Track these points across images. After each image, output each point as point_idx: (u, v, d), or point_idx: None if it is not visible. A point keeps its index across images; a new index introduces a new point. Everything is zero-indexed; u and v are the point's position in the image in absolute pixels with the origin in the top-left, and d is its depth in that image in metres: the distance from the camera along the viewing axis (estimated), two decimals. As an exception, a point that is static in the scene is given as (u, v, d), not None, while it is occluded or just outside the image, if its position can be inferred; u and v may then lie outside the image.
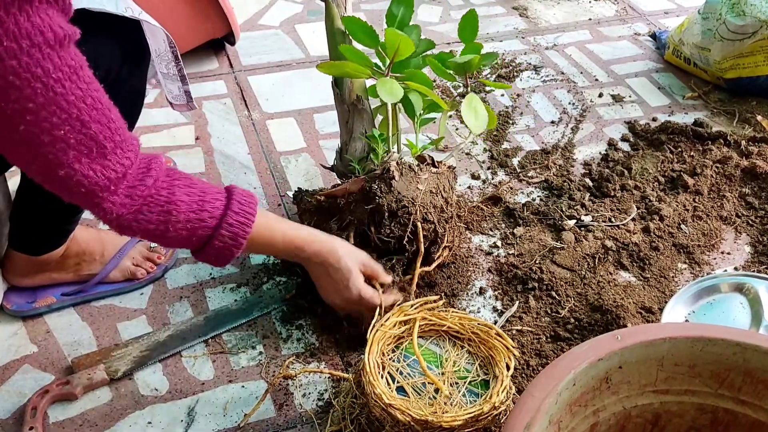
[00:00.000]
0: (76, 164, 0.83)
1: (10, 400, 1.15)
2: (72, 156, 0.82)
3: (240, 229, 1.01)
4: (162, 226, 0.94)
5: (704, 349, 0.81)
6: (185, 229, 0.97)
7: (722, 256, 1.45)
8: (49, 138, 0.80)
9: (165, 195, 0.94)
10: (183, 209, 0.96)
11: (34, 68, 0.75)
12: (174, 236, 0.96)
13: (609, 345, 0.79)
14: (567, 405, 0.79)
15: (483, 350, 1.09)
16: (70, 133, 0.81)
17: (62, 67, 0.78)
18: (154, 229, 0.94)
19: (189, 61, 1.94)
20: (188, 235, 0.97)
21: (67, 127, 0.80)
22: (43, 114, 0.78)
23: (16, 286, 1.29)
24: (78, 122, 0.81)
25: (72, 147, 0.82)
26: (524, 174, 1.64)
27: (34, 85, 0.76)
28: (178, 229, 0.96)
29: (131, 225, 0.92)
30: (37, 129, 0.79)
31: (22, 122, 0.78)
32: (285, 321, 1.29)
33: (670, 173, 1.62)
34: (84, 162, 0.83)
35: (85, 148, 0.83)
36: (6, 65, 0.73)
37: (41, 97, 0.77)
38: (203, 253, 1.01)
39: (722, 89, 1.94)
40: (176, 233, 0.96)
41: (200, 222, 0.98)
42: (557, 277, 1.36)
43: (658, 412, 0.86)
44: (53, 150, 0.81)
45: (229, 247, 1.01)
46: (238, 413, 1.15)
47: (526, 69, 2.02)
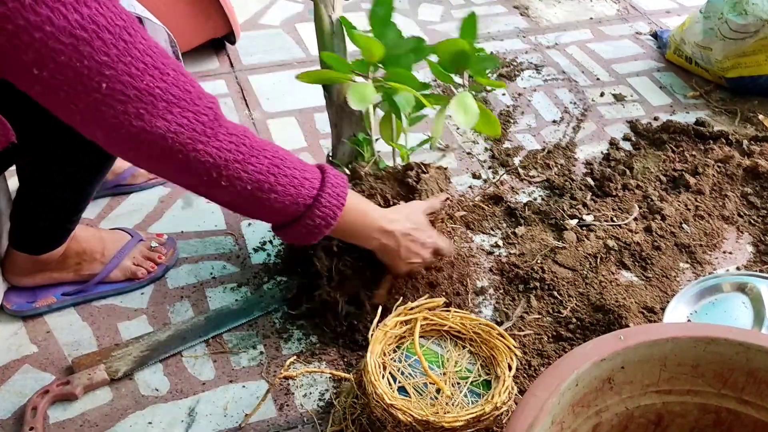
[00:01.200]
0: (168, 115, 0.79)
1: (10, 400, 1.15)
2: (162, 107, 0.78)
3: (340, 191, 0.98)
4: (272, 177, 0.90)
5: (707, 348, 0.81)
6: (293, 185, 0.92)
7: (724, 256, 1.45)
8: (134, 91, 0.76)
9: (270, 147, 0.90)
10: (289, 164, 0.92)
11: (97, 17, 0.72)
12: (282, 191, 0.92)
13: (612, 345, 0.79)
14: (570, 405, 0.78)
15: (485, 350, 1.09)
16: (153, 82, 0.77)
17: (121, 15, 0.75)
18: (264, 181, 0.90)
19: (189, 61, 1.94)
20: (295, 193, 0.93)
21: (148, 77, 0.77)
22: (120, 66, 0.75)
23: (16, 285, 1.28)
24: (156, 70, 0.78)
25: (159, 97, 0.78)
26: (526, 173, 1.64)
27: (103, 35, 0.73)
28: (286, 184, 0.91)
29: (241, 174, 0.87)
30: (120, 83, 0.75)
31: (102, 79, 0.74)
32: (286, 321, 1.29)
33: (671, 172, 1.62)
34: (176, 111, 0.80)
35: (173, 96, 0.79)
36: (70, 19, 0.71)
37: (113, 47, 0.74)
38: (299, 223, 0.96)
39: (724, 88, 1.94)
40: (284, 188, 0.92)
41: (305, 180, 0.94)
42: (559, 277, 1.36)
43: (661, 413, 0.86)
44: (142, 104, 0.77)
45: (333, 208, 0.97)
46: (239, 413, 1.14)
47: (527, 68, 2.02)
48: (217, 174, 0.87)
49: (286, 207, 0.95)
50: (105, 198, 1.52)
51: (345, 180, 1.02)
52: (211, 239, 1.45)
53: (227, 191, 0.89)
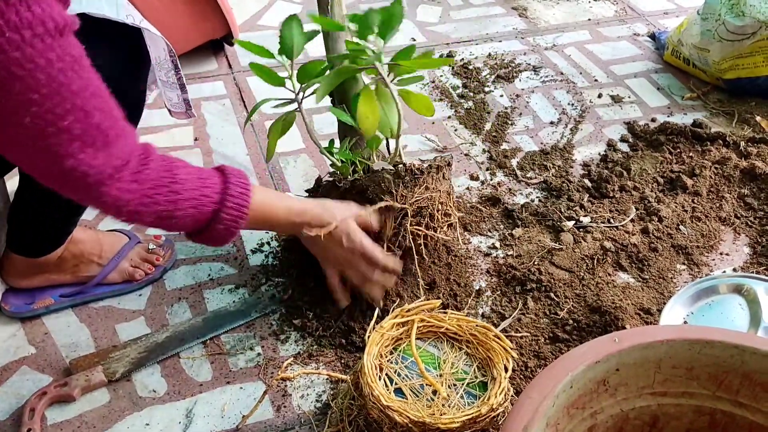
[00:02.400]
0: (80, 154, 0.82)
1: (7, 402, 1.15)
2: (77, 146, 0.81)
3: (242, 198, 1.02)
4: (170, 206, 0.94)
5: (702, 351, 0.81)
6: (192, 207, 0.97)
7: (721, 257, 1.45)
8: (54, 129, 0.79)
9: (168, 176, 0.94)
10: (187, 187, 0.96)
11: (38, 59, 0.74)
12: (182, 215, 0.96)
13: (607, 347, 0.79)
14: (564, 407, 0.79)
15: (481, 352, 1.09)
16: (75, 123, 0.80)
17: (64, 56, 0.77)
18: (163, 211, 0.94)
19: (188, 62, 1.94)
20: (195, 213, 0.98)
21: (72, 118, 0.79)
22: (47, 105, 0.77)
23: (14, 287, 1.29)
24: (82, 112, 0.80)
25: (77, 137, 0.81)
26: (523, 175, 1.64)
27: (38, 75, 0.75)
28: (186, 207, 0.96)
29: (140, 210, 0.92)
30: (42, 121, 0.77)
31: (27, 114, 0.76)
32: (283, 322, 1.29)
33: (669, 174, 1.62)
34: (89, 152, 0.82)
35: (90, 138, 0.82)
36: (9, 57, 0.72)
37: (45, 87, 0.76)
38: (209, 231, 1.01)
39: (721, 90, 1.94)
40: (184, 212, 0.96)
41: (205, 197, 0.98)
42: (556, 279, 1.36)
43: (656, 415, 0.86)
44: (58, 141, 0.80)
45: (235, 219, 1.01)
46: (236, 415, 1.15)
47: (525, 69, 2.02)
48: (116, 212, 0.91)
49: (189, 226, 1.00)
50: (103, 199, 1.52)
51: (247, 184, 1.04)
52: (208, 241, 1.45)
53: (129, 221, 0.95)
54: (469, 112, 1.84)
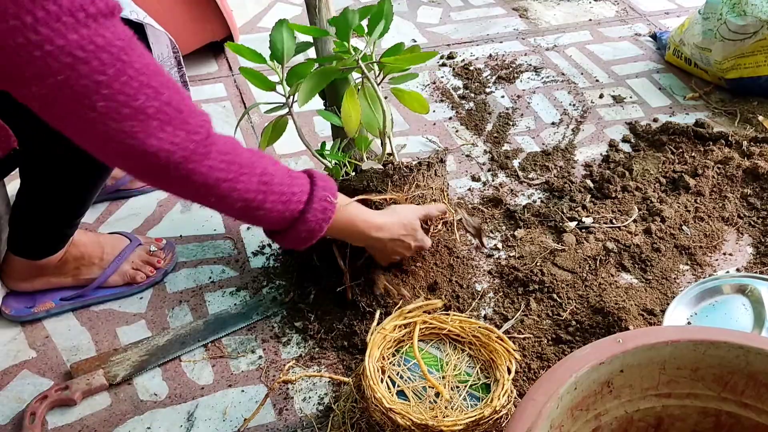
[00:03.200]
0: (161, 133, 0.80)
1: (8, 406, 1.15)
2: (155, 126, 0.79)
3: (328, 202, 1.00)
4: (261, 195, 0.92)
5: (707, 352, 0.80)
6: (281, 201, 0.95)
7: (724, 258, 1.45)
8: (129, 110, 0.77)
9: (258, 163, 0.92)
10: (277, 180, 0.94)
11: (96, 38, 0.73)
12: (271, 207, 0.94)
13: (611, 348, 0.79)
14: (568, 409, 0.78)
15: (484, 353, 1.09)
16: (148, 102, 0.78)
17: (120, 35, 0.76)
18: (253, 199, 0.92)
19: (188, 64, 1.94)
20: (283, 208, 0.95)
21: (143, 96, 0.78)
22: (116, 85, 0.76)
23: (14, 290, 1.28)
24: (151, 89, 0.79)
25: (152, 116, 0.79)
26: (525, 175, 1.63)
27: (101, 55, 0.74)
28: (275, 200, 0.94)
29: (230, 193, 0.89)
30: (115, 102, 0.76)
31: (98, 98, 0.75)
32: (285, 325, 1.29)
33: (671, 174, 1.61)
34: (168, 130, 0.81)
35: (166, 116, 0.80)
36: (69, 40, 0.72)
37: (110, 67, 0.75)
38: (293, 230, 0.99)
39: (723, 89, 1.93)
40: (272, 205, 0.94)
41: (293, 195, 0.96)
42: (558, 280, 1.36)
43: (661, 416, 0.85)
44: (136, 122, 0.78)
45: (320, 222, 1.00)
46: (238, 418, 1.14)
47: (526, 70, 2.02)
48: (206, 191, 0.88)
49: (274, 221, 0.97)
50: (104, 202, 1.52)
51: (334, 190, 1.03)
52: (210, 243, 1.45)
53: (218, 205, 0.92)
54: (470, 113, 1.84)
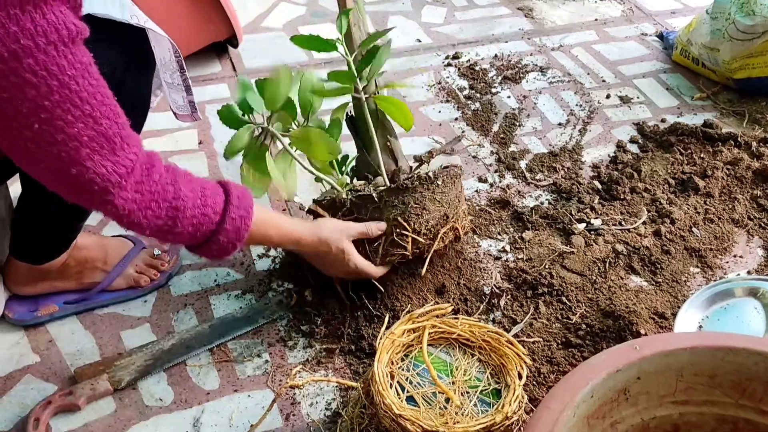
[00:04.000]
0: (88, 161, 0.82)
1: (11, 411, 1.13)
2: (84, 153, 0.82)
3: (241, 222, 1.02)
4: (170, 221, 0.95)
5: (725, 358, 0.79)
6: (191, 225, 0.97)
7: (735, 260, 1.43)
8: (63, 136, 0.79)
9: (172, 190, 0.94)
10: (189, 204, 0.96)
11: (51, 66, 0.75)
12: (180, 232, 0.97)
13: (627, 355, 0.77)
14: (584, 417, 0.77)
15: (494, 358, 1.07)
16: (83, 130, 0.81)
17: (75, 63, 0.78)
18: (163, 225, 0.95)
19: (191, 65, 1.92)
20: (194, 231, 0.98)
21: (81, 125, 0.80)
22: (57, 112, 0.78)
23: (18, 294, 1.27)
24: (90, 119, 0.81)
25: (85, 144, 0.81)
26: (532, 177, 1.62)
27: (50, 82, 0.76)
28: (185, 225, 0.96)
29: (141, 221, 0.92)
30: (52, 127, 0.78)
31: (36, 120, 0.77)
32: (291, 328, 1.27)
33: (680, 175, 1.60)
34: (96, 159, 0.83)
35: (97, 145, 0.83)
36: (23, 64, 0.73)
37: (56, 94, 0.77)
38: (205, 247, 1.02)
39: (731, 90, 1.92)
40: (183, 229, 0.97)
41: (205, 217, 0.98)
42: (567, 282, 1.34)
43: (677, 424, 0.84)
44: (66, 148, 0.80)
45: (232, 241, 1.02)
46: (245, 424, 1.13)
47: (532, 70, 2.00)
48: (118, 220, 0.92)
49: (186, 241, 1.00)
50: (107, 204, 1.50)
51: (248, 204, 1.04)
52: (214, 246, 1.43)
53: (132, 229, 0.95)
54: (476, 114, 1.82)
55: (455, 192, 1.27)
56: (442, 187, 1.25)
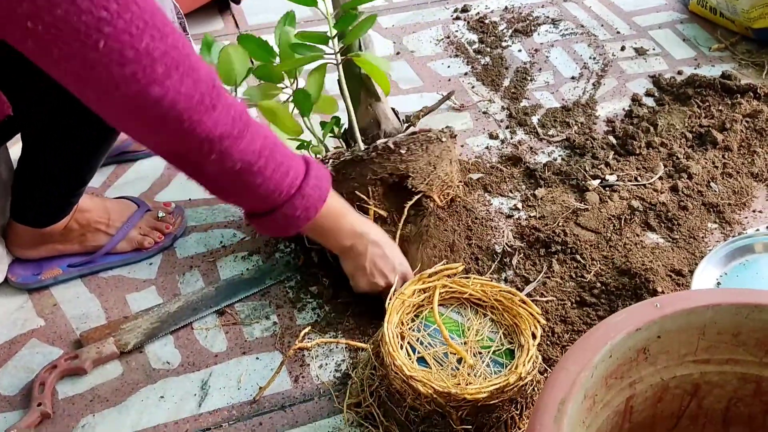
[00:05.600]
0: (167, 80, 0.74)
1: (17, 376, 1.12)
2: (161, 71, 0.73)
3: (324, 183, 0.96)
4: (262, 160, 0.86)
5: (750, 316, 0.75)
6: (279, 171, 0.89)
7: (754, 215, 1.39)
8: (133, 52, 0.71)
9: (263, 128, 0.87)
10: (278, 150, 0.89)
11: None
12: (269, 176, 0.88)
13: (647, 313, 0.74)
14: (603, 378, 0.74)
15: (507, 318, 1.04)
16: (153, 44, 0.72)
17: None
18: (254, 162, 0.86)
19: (193, 22, 1.87)
20: (279, 180, 0.90)
21: (148, 38, 0.71)
22: (120, 24, 0.69)
23: (20, 258, 1.24)
24: (156, 30, 0.72)
25: (158, 60, 0.73)
26: (544, 132, 1.57)
27: None
28: (274, 169, 0.88)
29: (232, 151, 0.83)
30: (118, 43, 0.70)
31: (100, 36, 0.69)
32: (299, 290, 1.25)
33: (697, 129, 1.55)
34: (174, 77, 0.74)
35: (173, 61, 0.74)
36: None
37: (113, 2, 0.68)
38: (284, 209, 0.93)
39: (750, 40, 1.85)
40: (271, 173, 0.88)
41: (291, 168, 0.91)
42: (582, 240, 1.31)
43: (698, 383, 0.81)
44: (141, 66, 0.72)
45: (315, 201, 0.94)
46: (253, 386, 1.11)
47: (543, 23, 1.94)
48: (209, 147, 0.82)
49: (268, 193, 0.91)
50: (110, 166, 1.48)
51: (328, 175, 0.98)
52: (220, 206, 1.40)
53: (214, 167, 0.85)
54: (486, 69, 1.77)
55: (427, 158, 1.20)
56: (407, 155, 1.18)
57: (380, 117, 1.29)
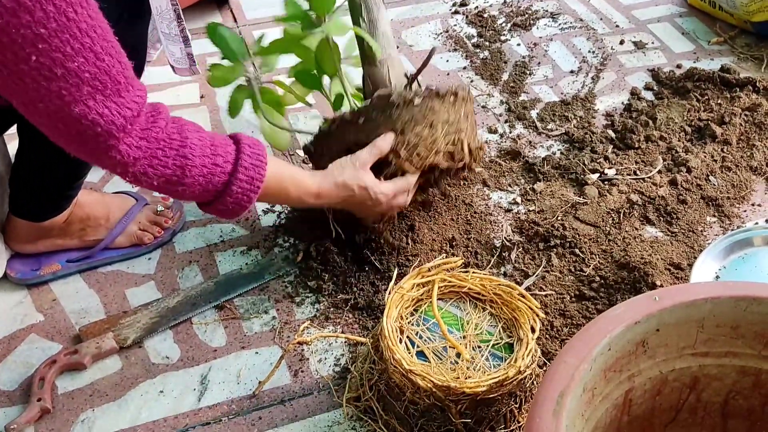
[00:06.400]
0: (90, 101, 0.78)
1: (16, 371, 1.12)
2: (86, 92, 0.77)
3: (255, 172, 0.98)
4: (179, 171, 0.90)
5: (749, 308, 0.76)
6: (201, 175, 0.93)
7: (753, 209, 1.39)
8: (62, 71, 0.75)
9: (178, 138, 0.90)
10: (197, 153, 0.92)
11: None
12: (191, 182, 0.92)
13: (646, 307, 0.74)
14: (602, 371, 0.74)
15: (506, 312, 1.04)
16: (84, 66, 0.76)
17: None
18: (171, 175, 0.90)
19: (191, 16, 1.87)
20: (204, 182, 0.94)
21: (81, 59, 0.75)
22: (55, 42, 0.73)
23: (19, 253, 1.24)
24: (91, 53, 0.76)
25: (86, 82, 0.77)
26: (543, 126, 1.57)
27: (47, 7, 0.71)
28: (195, 175, 0.92)
29: (147, 171, 0.88)
30: (50, 60, 0.73)
31: (34, 51, 0.72)
32: (298, 284, 1.25)
33: (696, 122, 1.55)
34: (99, 99, 0.78)
35: (100, 84, 0.78)
36: None
37: (54, 21, 0.72)
38: (219, 203, 0.98)
39: (749, 33, 1.85)
40: (193, 180, 0.92)
41: (216, 167, 0.94)
42: (581, 234, 1.31)
43: (697, 376, 0.81)
44: (67, 85, 0.76)
45: (246, 193, 0.98)
46: (253, 380, 1.11)
47: (542, 16, 1.93)
48: (122, 170, 0.87)
49: (196, 195, 0.96)
50: (108, 161, 1.47)
51: (262, 158, 1.00)
52: (218, 201, 1.40)
53: (137, 182, 0.91)
54: (485, 63, 1.76)
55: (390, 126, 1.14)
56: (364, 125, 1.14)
57: (378, 83, 1.25)
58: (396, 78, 1.23)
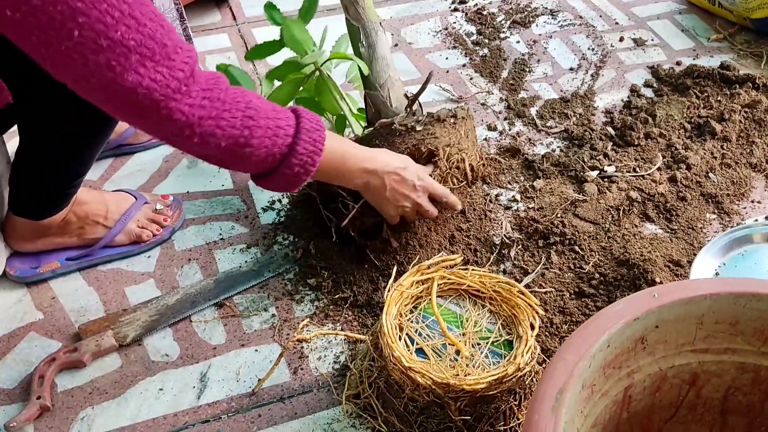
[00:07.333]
0: (141, 68, 0.77)
1: (16, 369, 1.12)
2: (135, 60, 0.76)
3: (317, 135, 0.97)
4: (246, 131, 0.89)
5: (748, 305, 0.76)
6: (267, 137, 0.91)
7: (753, 205, 1.39)
8: (107, 41, 0.74)
9: (243, 101, 0.89)
10: (262, 115, 0.91)
11: None
12: (258, 144, 0.91)
13: (645, 303, 0.74)
14: (601, 368, 0.74)
15: (505, 309, 1.04)
16: (127, 33, 0.75)
17: None
18: (239, 136, 0.88)
19: (190, 14, 1.87)
20: (271, 144, 0.92)
21: (123, 27, 0.74)
22: (94, 13, 0.72)
23: (18, 251, 1.24)
24: (132, 20, 0.75)
25: (133, 50, 0.75)
26: (543, 124, 1.57)
27: None
28: (261, 136, 0.91)
29: (215, 132, 0.86)
30: (92, 32, 0.73)
31: (75, 26, 0.72)
32: (298, 282, 1.25)
33: (696, 119, 1.55)
34: (149, 65, 0.77)
35: (147, 50, 0.77)
36: None
37: None
38: (285, 166, 0.95)
39: (749, 30, 1.85)
40: (259, 141, 0.91)
41: (279, 129, 0.93)
42: (580, 231, 1.31)
43: (696, 372, 0.81)
44: (114, 55, 0.75)
45: (310, 154, 0.96)
46: (252, 378, 1.11)
47: (542, 14, 1.93)
48: (189, 132, 0.85)
49: (262, 159, 0.94)
50: (107, 159, 1.47)
51: (321, 123, 0.99)
52: (218, 199, 1.40)
53: (201, 147, 0.88)
54: (484, 60, 1.76)
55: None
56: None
57: (379, 105, 1.27)
58: (396, 100, 1.26)
